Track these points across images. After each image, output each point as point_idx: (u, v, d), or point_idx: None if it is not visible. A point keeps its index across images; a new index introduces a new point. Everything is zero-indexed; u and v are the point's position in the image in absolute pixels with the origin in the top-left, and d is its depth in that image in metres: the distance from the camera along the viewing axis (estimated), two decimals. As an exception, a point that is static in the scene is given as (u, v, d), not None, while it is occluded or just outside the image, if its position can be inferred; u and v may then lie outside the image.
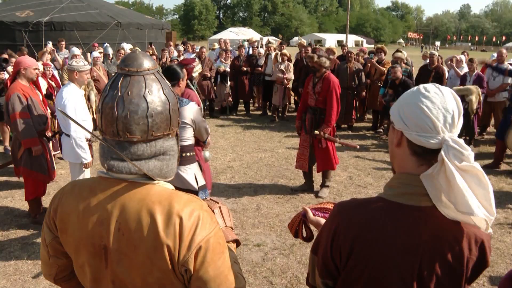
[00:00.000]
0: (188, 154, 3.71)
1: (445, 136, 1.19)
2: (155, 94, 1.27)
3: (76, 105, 4.45)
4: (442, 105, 1.21)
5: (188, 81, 4.52)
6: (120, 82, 1.25)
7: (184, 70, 3.77)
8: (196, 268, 1.23)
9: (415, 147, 1.25)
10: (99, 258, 1.27)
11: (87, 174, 4.69)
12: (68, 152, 4.58)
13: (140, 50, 1.37)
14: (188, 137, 3.71)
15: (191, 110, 3.63)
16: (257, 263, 4.24)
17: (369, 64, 9.83)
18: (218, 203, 1.65)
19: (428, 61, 9.49)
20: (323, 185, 6.08)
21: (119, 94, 1.24)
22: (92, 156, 4.80)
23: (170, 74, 3.66)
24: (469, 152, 1.15)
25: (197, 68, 5.09)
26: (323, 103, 5.62)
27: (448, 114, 1.20)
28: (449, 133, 1.20)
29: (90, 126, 4.81)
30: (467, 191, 1.15)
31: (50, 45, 10.34)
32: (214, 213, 1.56)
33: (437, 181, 1.18)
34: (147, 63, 1.29)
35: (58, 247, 1.39)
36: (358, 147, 6.10)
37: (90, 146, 4.74)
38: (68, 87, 4.52)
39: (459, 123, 1.23)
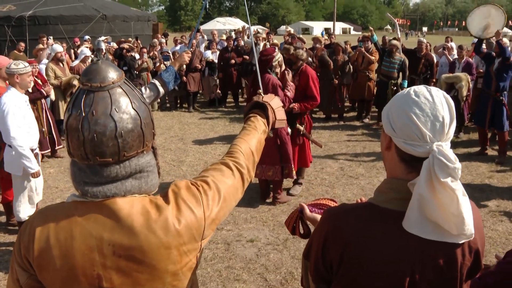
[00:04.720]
0: None
1: (433, 146, 1.14)
2: (123, 111, 1.16)
3: (16, 112, 4.12)
4: (432, 112, 1.16)
5: (269, 69, 5.15)
6: (83, 100, 1.14)
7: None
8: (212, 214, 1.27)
9: (403, 154, 1.21)
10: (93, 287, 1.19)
11: (33, 185, 4.40)
12: (8, 163, 4.29)
13: (103, 59, 1.26)
14: None
15: None
16: (250, 259, 4.20)
17: (357, 52, 9.74)
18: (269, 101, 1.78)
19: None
20: (296, 182, 5.88)
21: (83, 114, 1.13)
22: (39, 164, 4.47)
23: None
24: (455, 165, 1.11)
25: (277, 58, 5.21)
26: (301, 97, 5.38)
27: (438, 122, 1.15)
28: (439, 142, 1.15)
29: (36, 136, 4.43)
30: (421, 212, 1.14)
31: (51, 40, 10.15)
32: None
33: None
34: (111, 75, 1.17)
35: (36, 285, 1.24)
36: (322, 146, 6.17)
37: (36, 155, 4.41)
38: (8, 92, 4.21)
39: (451, 130, 1.18)
